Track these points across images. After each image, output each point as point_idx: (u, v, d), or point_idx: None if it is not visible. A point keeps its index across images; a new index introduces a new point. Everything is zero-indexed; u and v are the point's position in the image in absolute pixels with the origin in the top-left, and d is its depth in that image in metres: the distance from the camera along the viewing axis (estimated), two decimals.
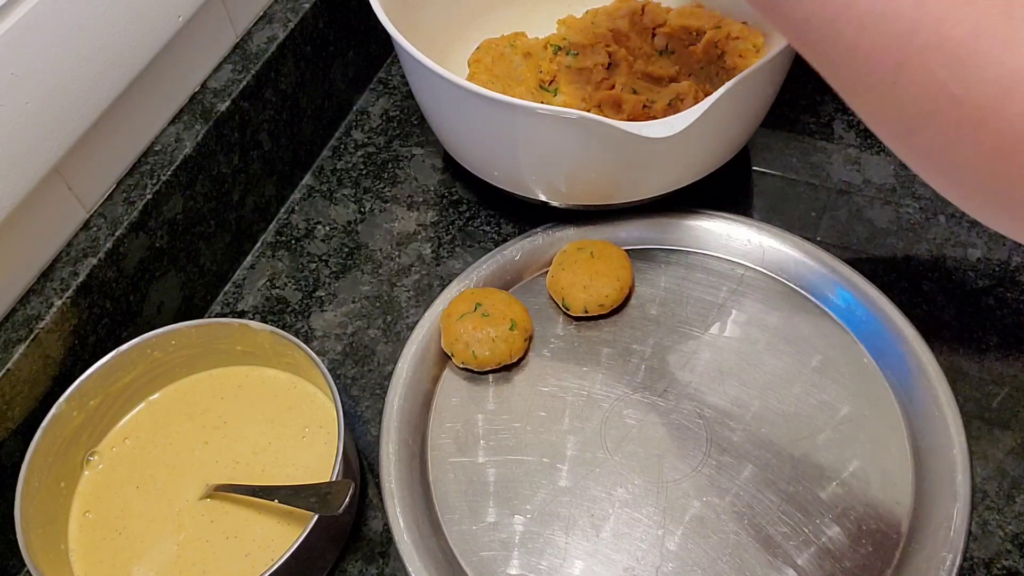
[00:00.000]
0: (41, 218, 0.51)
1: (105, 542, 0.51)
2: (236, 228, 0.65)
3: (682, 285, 0.61)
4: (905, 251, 0.63)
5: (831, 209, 0.66)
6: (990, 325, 0.59)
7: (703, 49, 0.65)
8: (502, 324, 0.57)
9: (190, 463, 0.53)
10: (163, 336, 0.54)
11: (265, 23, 0.66)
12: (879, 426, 0.54)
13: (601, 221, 0.63)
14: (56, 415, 0.50)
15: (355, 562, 0.52)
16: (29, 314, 0.51)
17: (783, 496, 0.52)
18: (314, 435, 0.54)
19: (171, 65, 0.58)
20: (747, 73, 0.52)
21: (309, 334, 0.62)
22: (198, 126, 0.60)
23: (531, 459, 0.54)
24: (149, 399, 0.56)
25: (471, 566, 0.50)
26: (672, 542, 0.50)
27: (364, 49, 0.75)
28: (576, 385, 0.57)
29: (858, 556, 0.49)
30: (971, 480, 0.51)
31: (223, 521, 0.51)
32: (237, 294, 0.65)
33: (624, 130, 0.51)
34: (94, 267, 0.53)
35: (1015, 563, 0.50)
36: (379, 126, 0.75)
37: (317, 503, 0.47)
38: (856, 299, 0.59)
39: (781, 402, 0.55)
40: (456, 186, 0.70)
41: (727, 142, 0.60)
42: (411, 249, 0.66)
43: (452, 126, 0.61)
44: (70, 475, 0.52)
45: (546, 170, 0.58)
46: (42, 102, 0.47)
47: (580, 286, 0.59)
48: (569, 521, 0.52)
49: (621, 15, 0.67)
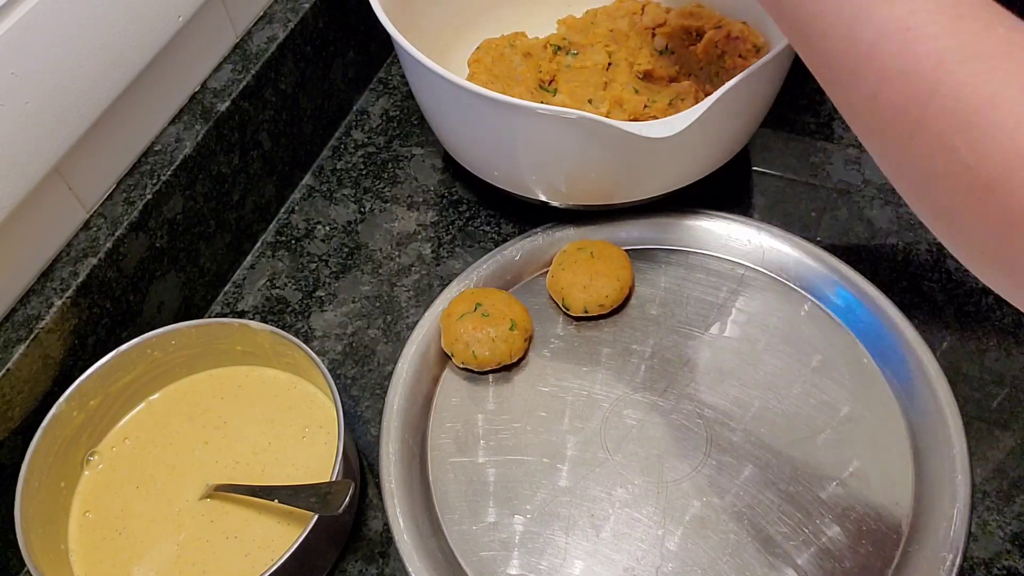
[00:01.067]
0: (41, 218, 0.51)
1: (105, 542, 0.51)
2: (236, 228, 0.65)
3: (682, 285, 0.61)
4: (905, 251, 0.63)
5: (831, 209, 0.66)
6: (990, 325, 0.59)
7: (703, 49, 0.65)
8: (502, 324, 0.57)
9: (190, 463, 0.53)
10: (163, 336, 0.54)
11: (265, 23, 0.66)
12: (879, 426, 0.54)
13: (601, 221, 0.63)
14: (56, 415, 0.50)
15: (355, 562, 0.52)
16: (29, 314, 0.51)
17: (783, 496, 0.52)
18: (314, 435, 0.54)
19: (171, 65, 0.58)
20: (747, 73, 0.52)
21: (309, 334, 0.62)
22: (198, 126, 0.60)
23: (531, 459, 0.54)
24: (149, 399, 0.56)
25: (471, 566, 0.50)
26: (672, 542, 0.50)
27: (364, 49, 0.75)
28: (576, 385, 0.57)
29: (858, 556, 0.49)
30: (971, 480, 0.51)
31: (223, 521, 0.51)
32: (237, 294, 0.65)
33: (624, 130, 0.51)
34: (94, 267, 0.53)
35: (1015, 563, 0.50)
36: (379, 126, 0.75)
37: (317, 503, 0.47)
38: (856, 299, 0.59)
39: (781, 402, 0.55)
40: (456, 186, 0.70)
41: (727, 142, 0.60)
42: (411, 249, 0.66)
43: (452, 126, 0.61)
44: (70, 475, 0.52)
45: (546, 170, 0.58)
46: (42, 102, 0.47)
47: (580, 286, 0.59)
48: (569, 521, 0.52)
49: (621, 15, 0.67)
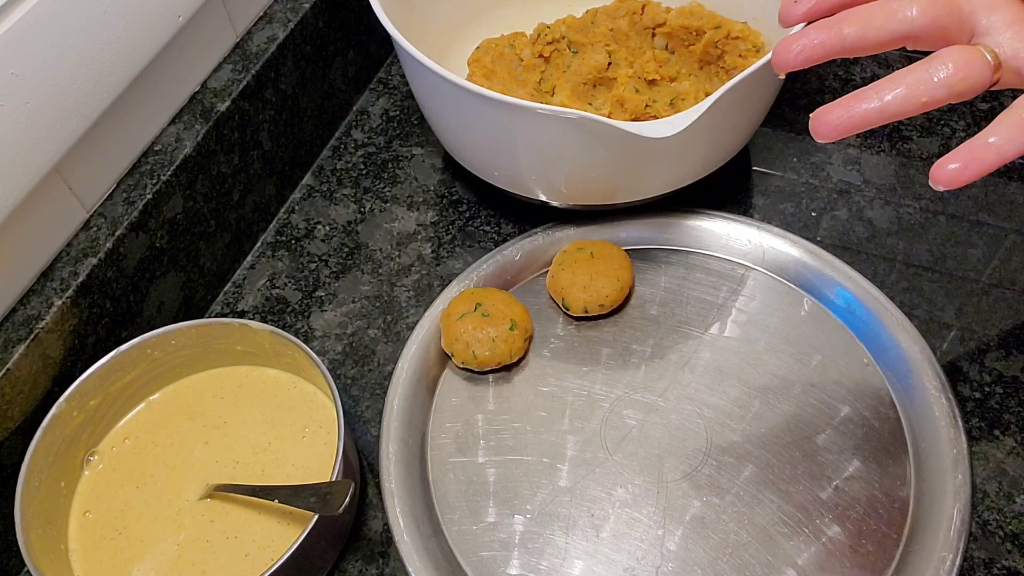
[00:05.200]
0: (41, 218, 0.51)
1: (105, 542, 0.51)
2: (236, 228, 0.65)
3: (682, 285, 0.61)
4: (905, 251, 0.63)
5: (831, 209, 0.66)
6: (990, 325, 0.59)
7: (703, 49, 0.65)
8: (502, 324, 0.57)
9: (190, 463, 0.53)
10: (163, 336, 0.54)
11: (265, 23, 0.66)
12: (879, 426, 0.54)
13: (601, 221, 0.63)
14: (56, 415, 0.50)
15: (355, 562, 0.52)
16: (29, 314, 0.51)
17: (783, 496, 0.52)
18: (314, 435, 0.54)
19: (171, 65, 0.58)
20: (747, 73, 0.52)
21: (309, 334, 0.62)
22: (198, 126, 0.60)
23: (531, 459, 0.54)
24: (149, 399, 0.56)
25: (471, 566, 0.50)
26: (672, 542, 0.50)
27: (364, 49, 0.75)
28: (576, 385, 0.57)
29: (858, 556, 0.49)
30: (971, 480, 0.51)
31: (223, 521, 0.51)
32: (237, 294, 0.65)
33: (624, 130, 0.51)
34: (94, 267, 0.53)
35: (1015, 563, 0.50)
36: (379, 126, 0.75)
37: (317, 503, 0.47)
38: (856, 299, 0.59)
39: (781, 402, 0.55)
40: (456, 186, 0.70)
41: (727, 142, 0.60)
42: (411, 249, 0.66)
43: (452, 126, 0.61)
44: (70, 475, 0.52)
45: (546, 170, 0.58)
46: (42, 102, 0.47)
47: (580, 286, 0.59)
48: (569, 521, 0.52)
49: (621, 15, 0.67)
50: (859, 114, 0.39)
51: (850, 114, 0.39)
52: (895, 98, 0.39)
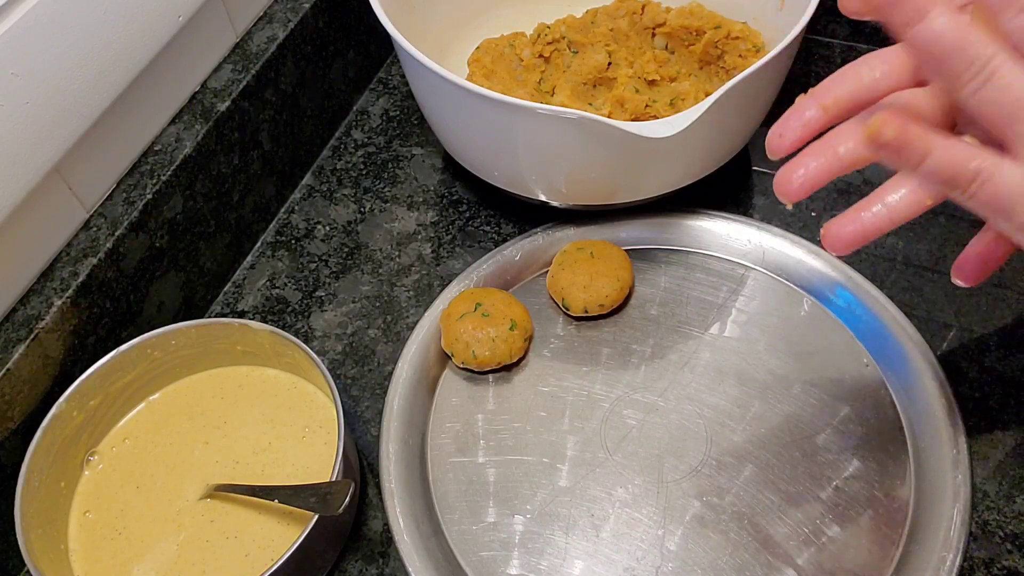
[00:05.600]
0: (41, 218, 0.51)
1: (105, 542, 0.51)
2: (236, 228, 0.65)
3: (682, 285, 0.61)
4: (905, 251, 0.63)
5: (831, 209, 0.66)
6: (990, 325, 0.59)
7: (703, 49, 0.65)
8: (502, 324, 0.57)
9: (190, 463, 0.53)
10: (163, 336, 0.54)
11: (265, 23, 0.66)
12: (879, 426, 0.54)
13: (601, 221, 0.63)
14: (56, 415, 0.50)
15: (355, 562, 0.52)
16: (29, 314, 0.51)
17: (783, 496, 0.52)
18: (314, 435, 0.54)
19: (171, 65, 0.58)
20: (747, 73, 0.52)
21: (309, 334, 0.62)
22: (198, 126, 0.60)
23: (531, 459, 0.54)
24: (149, 399, 0.56)
25: (471, 566, 0.50)
26: (672, 542, 0.50)
27: (364, 49, 0.75)
28: (576, 385, 0.57)
29: (858, 556, 0.49)
30: (971, 480, 0.51)
31: (223, 521, 0.51)
32: (237, 294, 0.65)
33: (624, 130, 0.51)
34: (94, 267, 0.53)
35: (1015, 563, 0.50)
36: (379, 126, 0.75)
37: (317, 503, 0.47)
38: (856, 299, 0.59)
39: (781, 402, 0.55)
40: (456, 186, 0.70)
41: (727, 142, 0.60)
42: (411, 249, 0.66)
43: (452, 126, 0.61)
44: (70, 475, 0.52)
45: (546, 170, 0.58)
46: (42, 102, 0.47)
47: (580, 286, 0.59)
48: (569, 521, 0.52)
49: (621, 15, 0.67)
50: (871, 224, 0.41)
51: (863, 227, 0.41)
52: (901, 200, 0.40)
